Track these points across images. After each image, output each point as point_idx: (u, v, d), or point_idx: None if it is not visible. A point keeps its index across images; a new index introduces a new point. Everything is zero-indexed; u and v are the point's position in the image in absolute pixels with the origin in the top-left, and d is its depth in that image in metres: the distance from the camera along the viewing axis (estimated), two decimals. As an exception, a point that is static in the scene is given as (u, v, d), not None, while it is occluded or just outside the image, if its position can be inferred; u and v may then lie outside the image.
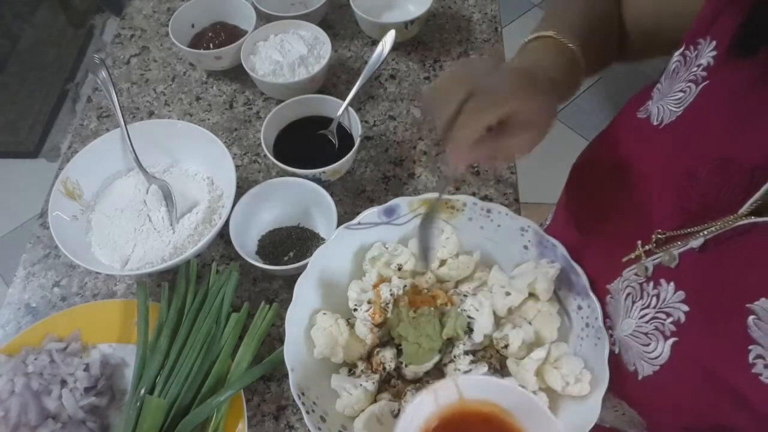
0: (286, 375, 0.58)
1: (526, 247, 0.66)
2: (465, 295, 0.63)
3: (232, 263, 0.75)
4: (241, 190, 0.74)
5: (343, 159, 0.76)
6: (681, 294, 0.46)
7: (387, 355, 0.62)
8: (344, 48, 0.98)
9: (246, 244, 0.74)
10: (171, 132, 0.80)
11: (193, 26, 0.96)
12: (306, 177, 0.76)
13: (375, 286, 0.64)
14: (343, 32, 1.00)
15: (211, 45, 0.94)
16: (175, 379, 0.64)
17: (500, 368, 0.62)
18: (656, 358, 0.49)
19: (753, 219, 0.40)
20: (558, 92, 0.55)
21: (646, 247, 0.49)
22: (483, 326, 0.61)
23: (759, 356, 0.40)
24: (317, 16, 0.96)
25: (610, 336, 0.57)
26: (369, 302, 0.62)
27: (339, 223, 0.68)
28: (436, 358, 0.61)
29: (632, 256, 0.51)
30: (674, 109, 0.49)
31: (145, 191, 0.79)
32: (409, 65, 0.96)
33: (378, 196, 0.82)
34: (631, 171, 0.54)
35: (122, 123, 0.78)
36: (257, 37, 0.91)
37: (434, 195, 0.67)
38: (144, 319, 0.68)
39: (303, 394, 0.58)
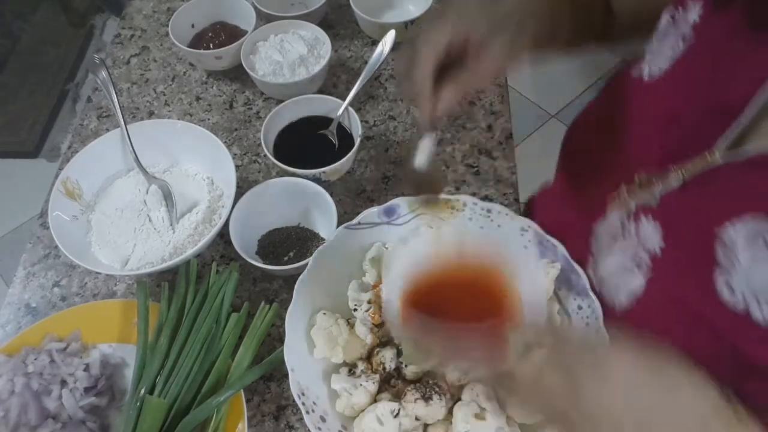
0: (286, 375, 0.58)
1: (526, 247, 0.66)
2: (465, 295, 0.63)
3: (232, 263, 0.75)
4: (241, 190, 0.74)
5: (343, 159, 0.76)
6: (659, 230, 0.47)
7: (387, 355, 0.62)
8: (344, 48, 0.98)
9: (246, 244, 0.74)
10: (171, 132, 0.80)
11: (193, 26, 0.96)
12: (306, 177, 0.76)
13: (375, 286, 0.64)
14: (343, 32, 1.00)
15: (211, 45, 0.94)
16: (175, 379, 0.64)
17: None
18: (633, 291, 0.50)
19: (726, 156, 0.42)
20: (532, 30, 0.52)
21: (629, 187, 0.51)
22: (483, 326, 0.61)
23: (725, 283, 0.41)
24: (317, 16, 0.96)
25: (592, 272, 0.58)
26: (369, 302, 0.62)
27: (339, 223, 0.68)
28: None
29: (616, 196, 0.53)
30: (664, 65, 0.51)
31: (145, 191, 0.79)
32: (409, 65, 0.96)
33: (378, 196, 0.82)
34: (620, 122, 0.56)
35: (122, 123, 0.78)
36: (257, 37, 0.91)
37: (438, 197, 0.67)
38: (144, 319, 0.68)
39: (303, 394, 0.58)
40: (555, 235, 0.64)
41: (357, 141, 0.78)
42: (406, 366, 0.61)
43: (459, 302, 0.49)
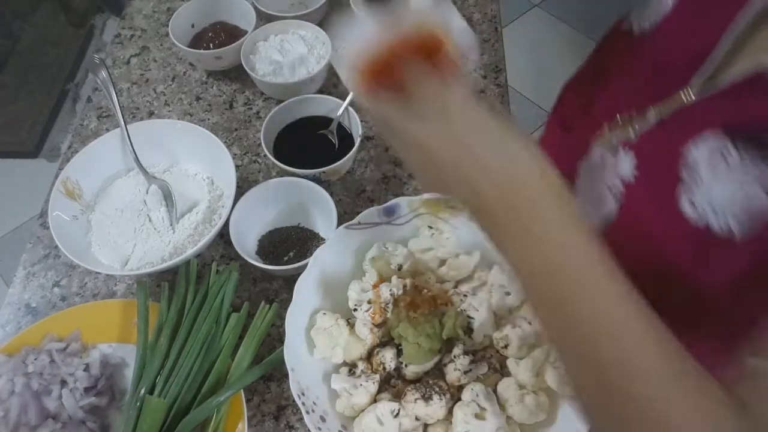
0: (286, 375, 0.58)
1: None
2: (465, 295, 0.63)
3: (232, 263, 0.75)
4: (241, 190, 0.74)
5: (343, 159, 0.76)
6: (634, 160, 0.50)
7: (387, 355, 0.62)
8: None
9: (246, 244, 0.74)
10: (171, 132, 0.80)
11: (193, 26, 0.96)
12: (306, 177, 0.76)
13: (375, 286, 0.64)
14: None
15: (211, 45, 0.94)
16: (175, 379, 0.64)
17: (500, 368, 0.62)
18: (606, 217, 0.53)
19: (698, 91, 0.45)
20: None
21: (611, 127, 0.54)
22: (483, 326, 0.61)
23: (688, 200, 0.44)
24: (317, 16, 0.96)
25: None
26: (369, 302, 0.62)
27: (339, 223, 0.68)
28: (436, 358, 0.62)
29: (599, 136, 0.55)
30: (653, 18, 0.53)
31: (145, 191, 0.79)
32: (409, 65, 0.96)
33: (378, 196, 0.82)
34: (610, 73, 0.59)
35: (122, 123, 0.78)
36: (257, 37, 0.91)
37: (435, 195, 0.67)
38: (144, 319, 0.68)
39: (303, 394, 0.58)
40: None
41: (357, 141, 0.78)
42: (406, 366, 0.61)
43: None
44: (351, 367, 0.63)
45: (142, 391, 0.63)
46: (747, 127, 0.40)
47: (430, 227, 0.68)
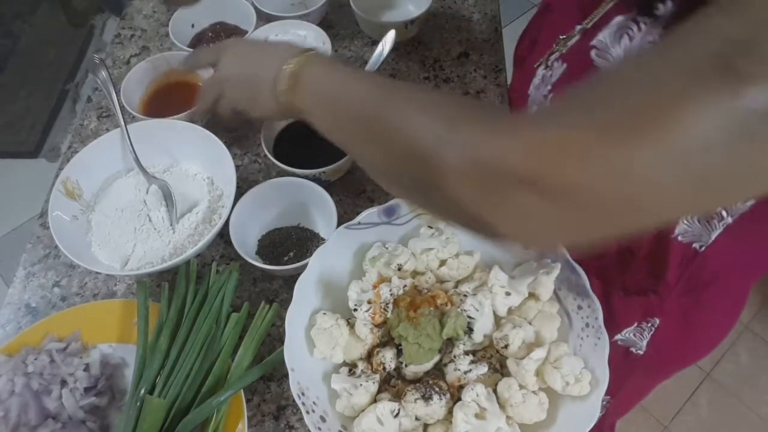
0: (286, 375, 0.58)
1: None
2: (465, 295, 0.63)
3: (232, 263, 0.75)
4: (241, 190, 0.74)
5: (343, 159, 0.76)
6: (564, 66, 0.58)
7: (387, 355, 0.62)
8: (344, 48, 0.98)
9: (246, 244, 0.74)
10: (171, 132, 0.80)
11: (193, 26, 0.96)
12: (306, 177, 0.76)
13: (375, 286, 0.64)
14: (343, 32, 1.00)
15: (211, 45, 0.94)
16: (175, 379, 0.64)
17: (500, 368, 0.62)
18: None
19: (613, 2, 0.51)
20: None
21: (552, 49, 0.61)
22: (483, 326, 0.61)
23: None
24: (317, 16, 0.96)
25: None
26: (369, 302, 0.62)
27: (339, 223, 0.68)
28: (436, 358, 0.61)
29: (542, 59, 0.63)
30: None
31: (145, 191, 0.79)
32: (409, 65, 0.96)
33: (378, 196, 0.82)
34: (556, 3, 0.67)
35: (122, 123, 0.78)
36: (257, 37, 0.91)
37: None
38: (144, 319, 0.68)
39: (303, 394, 0.58)
40: None
41: (357, 141, 0.78)
42: (406, 366, 0.61)
43: None
44: (351, 367, 0.63)
45: (142, 391, 0.63)
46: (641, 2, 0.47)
47: (430, 227, 0.68)
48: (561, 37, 0.59)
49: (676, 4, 0.45)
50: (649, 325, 0.70)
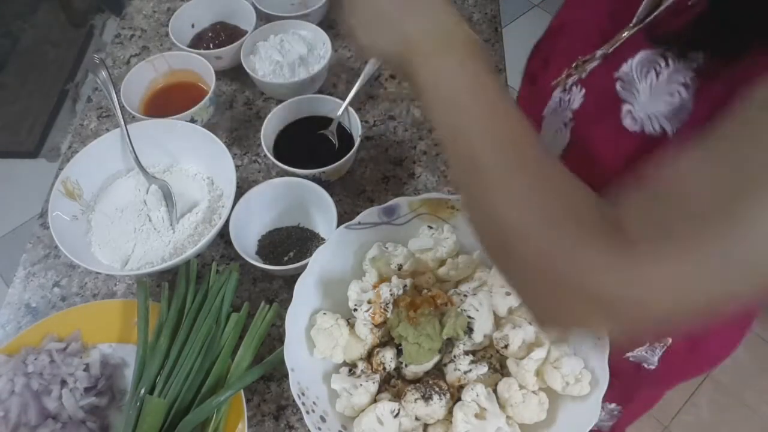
0: (286, 375, 0.58)
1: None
2: (465, 295, 0.63)
3: (232, 263, 0.75)
4: (241, 190, 0.74)
5: (343, 159, 0.76)
6: (583, 91, 0.56)
7: (387, 355, 0.62)
8: (344, 48, 0.98)
9: (246, 244, 0.74)
10: (171, 132, 0.80)
11: (193, 26, 0.96)
12: (306, 177, 0.76)
13: (375, 286, 0.64)
14: (343, 32, 1.00)
15: (211, 45, 0.94)
16: (175, 379, 0.64)
17: (500, 368, 0.62)
18: (561, 146, 0.58)
19: (638, 26, 0.49)
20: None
21: (569, 72, 0.58)
22: (483, 326, 0.61)
23: (627, 112, 0.49)
24: (317, 16, 0.96)
25: None
26: (369, 302, 0.62)
27: (339, 223, 0.68)
28: (436, 358, 0.61)
29: (559, 81, 0.60)
30: None
31: (145, 191, 0.79)
32: (409, 65, 0.96)
33: (378, 196, 0.82)
34: (571, 23, 0.64)
35: (122, 123, 0.78)
36: (257, 37, 0.91)
37: (435, 195, 0.67)
38: (144, 319, 0.68)
39: (303, 394, 0.58)
40: None
41: (357, 141, 0.78)
42: (406, 366, 0.61)
43: None
44: (351, 367, 0.63)
45: (142, 391, 0.63)
46: (672, 40, 0.47)
47: (430, 227, 0.68)
48: (579, 59, 0.57)
49: (708, 55, 0.44)
50: (661, 344, 0.69)
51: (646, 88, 0.48)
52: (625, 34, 0.51)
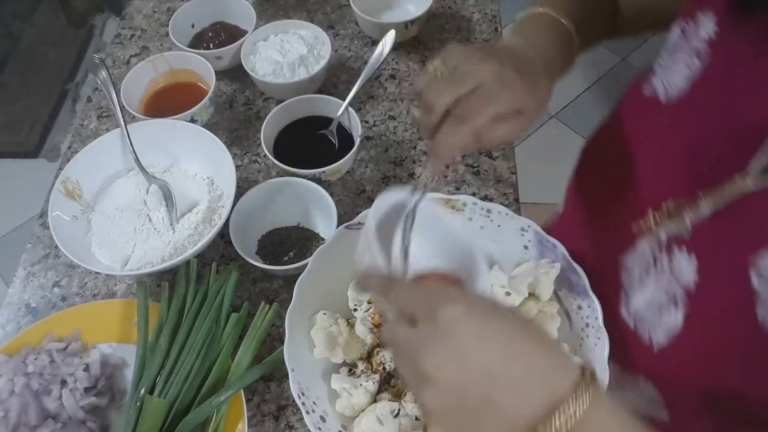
0: (286, 375, 0.58)
1: (526, 247, 0.66)
2: (465, 295, 0.63)
3: (232, 263, 0.75)
4: (241, 190, 0.74)
5: (343, 159, 0.76)
6: (694, 263, 0.46)
7: (387, 355, 0.62)
8: (344, 48, 0.98)
9: (246, 244, 0.74)
10: (171, 132, 0.80)
11: (193, 26, 0.96)
12: (306, 177, 0.76)
13: (375, 286, 0.64)
14: (343, 32, 1.00)
15: (211, 45, 0.94)
16: (175, 379, 0.64)
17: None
18: (671, 329, 0.48)
19: (758, 180, 0.40)
20: (553, 73, 0.55)
21: (657, 216, 0.49)
22: (483, 326, 0.61)
23: (766, 310, 0.40)
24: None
25: (626, 309, 0.55)
26: (369, 302, 0.62)
27: (339, 223, 0.68)
28: (436, 358, 0.61)
29: (643, 225, 0.50)
30: (681, 84, 0.48)
31: (145, 191, 0.79)
32: (409, 65, 0.96)
33: (378, 196, 0.82)
34: (641, 147, 0.54)
35: (122, 123, 0.78)
36: (257, 37, 0.91)
37: (435, 195, 0.67)
38: (144, 319, 0.68)
39: (303, 394, 0.58)
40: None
41: (357, 141, 0.78)
42: (406, 366, 0.61)
43: None
44: (351, 367, 0.63)
45: (142, 391, 0.63)
46: None
47: (430, 227, 0.68)
48: (671, 202, 0.47)
49: None
50: None
51: None
52: (741, 186, 0.41)
